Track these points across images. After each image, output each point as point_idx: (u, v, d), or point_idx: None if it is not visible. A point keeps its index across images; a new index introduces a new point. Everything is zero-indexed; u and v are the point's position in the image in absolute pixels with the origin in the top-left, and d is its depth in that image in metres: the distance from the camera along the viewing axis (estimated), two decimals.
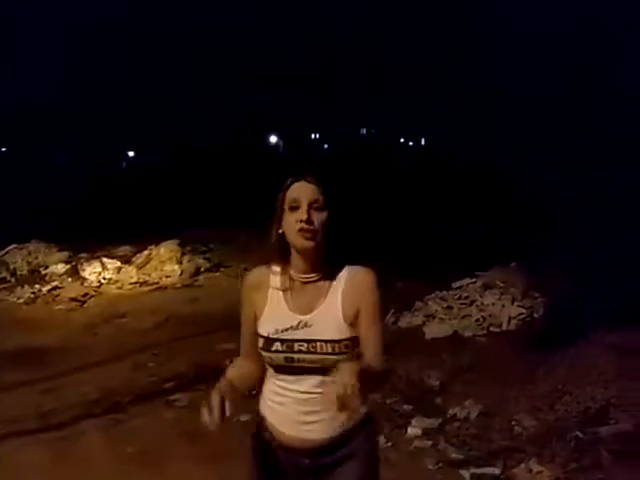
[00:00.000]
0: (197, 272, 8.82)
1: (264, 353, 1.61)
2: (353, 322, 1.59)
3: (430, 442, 3.60)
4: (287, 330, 1.58)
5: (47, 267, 8.82)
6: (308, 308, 1.60)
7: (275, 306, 1.63)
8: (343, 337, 1.57)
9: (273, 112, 36.60)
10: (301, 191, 1.60)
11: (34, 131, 28.95)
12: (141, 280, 8.37)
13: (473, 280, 6.48)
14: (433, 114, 39.23)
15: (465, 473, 3.21)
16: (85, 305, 7.45)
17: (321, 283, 1.62)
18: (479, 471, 3.24)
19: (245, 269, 8.93)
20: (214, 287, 8.24)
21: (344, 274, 1.62)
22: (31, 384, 4.78)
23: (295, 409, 1.61)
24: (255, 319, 1.67)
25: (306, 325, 1.58)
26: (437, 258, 8.03)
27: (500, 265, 6.80)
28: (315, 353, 1.55)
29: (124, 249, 9.73)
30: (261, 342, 1.62)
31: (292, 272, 1.63)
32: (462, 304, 6.11)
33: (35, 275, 8.66)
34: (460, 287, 6.44)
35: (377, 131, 47.29)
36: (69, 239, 9.87)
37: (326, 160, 26.37)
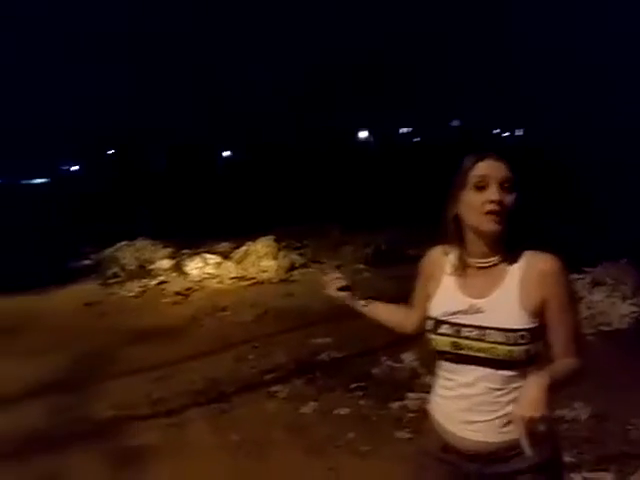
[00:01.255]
0: (292, 267, 9.00)
1: (431, 336, 1.55)
2: (534, 312, 1.46)
3: None
4: (456, 313, 1.50)
5: (153, 263, 9.34)
6: (482, 293, 1.50)
7: (447, 288, 1.57)
8: (519, 327, 1.43)
9: (363, 109, 36.63)
10: (490, 169, 1.48)
11: (139, 138, 30.66)
12: (240, 275, 8.66)
13: (581, 276, 6.16)
14: (527, 105, 37.63)
15: (577, 477, 3.06)
16: (189, 299, 7.81)
17: (497, 268, 1.51)
18: (591, 476, 3.08)
19: (338, 266, 9.02)
20: (308, 282, 8.36)
21: (523, 260, 1.50)
22: (142, 371, 5.09)
23: (457, 404, 1.52)
24: (426, 299, 1.63)
25: (478, 310, 1.48)
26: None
27: (610, 261, 6.40)
28: (484, 341, 1.44)
29: (223, 245, 10.10)
30: (429, 324, 1.56)
31: (467, 255, 1.55)
32: None
33: (143, 270, 9.19)
34: None
35: (469, 123, 46.04)
36: (173, 236, 10.41)
37: (417, 153, 25.97)
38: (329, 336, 5.61)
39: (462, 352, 1.49)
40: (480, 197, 1.47)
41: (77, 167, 31.04)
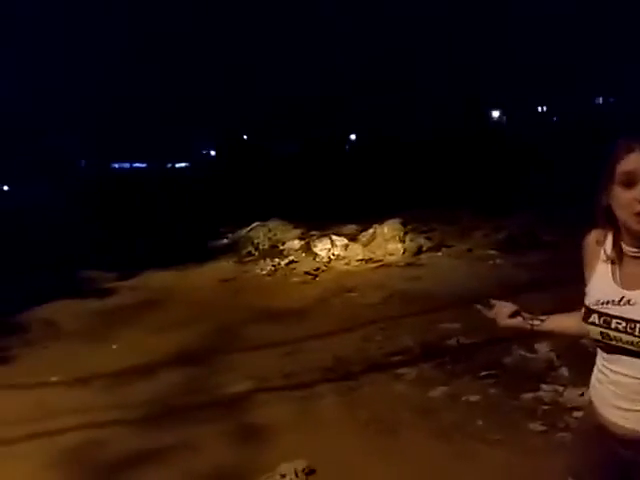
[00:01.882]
0: (419, 251, 8.92)
1: (584, 324, 1.53)
2: None
3: None
4: (607, 304, 1.46)
5: (284, 243, 9.71)
6: (635, 284, 1.43)
7: (601, 276, 1.52)
8: None
9: (495, 88, 34.91)
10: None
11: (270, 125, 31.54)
12: (366, 257, 8.74)
13: None
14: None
15: None
16: (317, 279, 8.04)
17: None
18: None
19: (469, 250, 8.79)
20: (436, 266, 8.24)
21: None
22: (274, 346, 5.35)
23: (610, 390, 1.50)
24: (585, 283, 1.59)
25: (628, 302, 1.42)
26: None
27: None
28: (633, 335, 1.39)
29: (351, 227, 10.24)
30: (582, 312, 1.54)
31: (622, 243, 1.47)
32: None
33: (275, 250, 9.60)
34: None
35: (618, 100, 42.16)
36: (303, 218, 10.74)
37: (555, 133, 24.34)
38: (457, 322, 5.51)
39: (612, 343, 1.46)
40: (628, 195, 1.37)
41: (214, 152, 32.83)
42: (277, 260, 8.95)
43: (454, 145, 20.36)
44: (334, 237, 9.23)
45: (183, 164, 33.84)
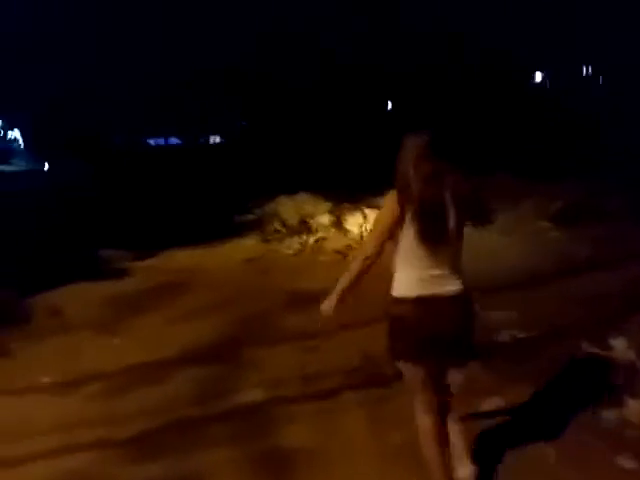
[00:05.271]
0: None
1: None
2: None
3: None
4: None
5: (313, 218, 8.99)
6: None
7: None
8: None
9: (539, 46, 32.79)
10: None
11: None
12: None
13: None
14: None
15: None
16: (347, 258, 7.29)
17: None
18: None
19: (518, 222, 7.87)
20: (481, 242, 7.25)
21: None
22: (296, 340, 4.68)
23: None
24: None
25: None
26: None
27: None
28: None
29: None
30: None
31: None
32: None
33: (303, 226, 8.88)
34: None
35: None
36: (333, 189, 9.94)
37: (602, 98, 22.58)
38: (511, 310, 4.70)
39: None
40: None
41: (245, 123, 32.11)
42: (305, 237, 8.25)
43: (485, 103, 19.12)
44: (367, 210, 8.43)
45: (217, 138, 33.29)
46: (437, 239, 2.30)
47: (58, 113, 33.30)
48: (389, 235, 2.36)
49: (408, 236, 2.30)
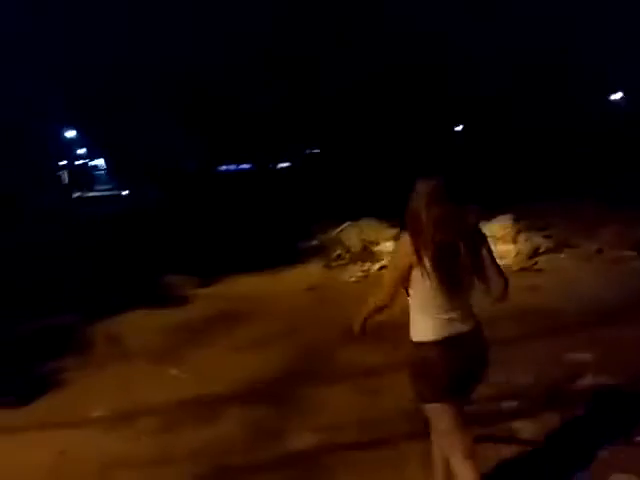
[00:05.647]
0: (536, 253, 7.55)
1: None
2: None
3: None
4: None
5: (377, 244, 8.72)
6: None
7: None
8: None
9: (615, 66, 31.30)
10: None
11: None
12: None
13: None
14: None
15: None
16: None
17: None
18: None
19: (598, 250, 7.30)
20: (558, 272, 6.88)
21: None
22: (354, 378, 4.42)
23: None
24: None
25: None
26: None
27: None
28: None
29: None
30: None
31: None
32: None
33: (366, 252, 8.63)
34: None
35: None
36: (398, 215, 9.64)
37: None
38: (589, 350, 4.24)
39: None
40: None
41: (318, 150, 32.32)
42: (368, 264, 8.00)
43: (566, 133, 18.30)
44: None
45: (286, 164, 33.68)
46: (454, 284, 2.34)
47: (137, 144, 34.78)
48: (404, 282, 2.40)
49: (424, 283, 2.32)
